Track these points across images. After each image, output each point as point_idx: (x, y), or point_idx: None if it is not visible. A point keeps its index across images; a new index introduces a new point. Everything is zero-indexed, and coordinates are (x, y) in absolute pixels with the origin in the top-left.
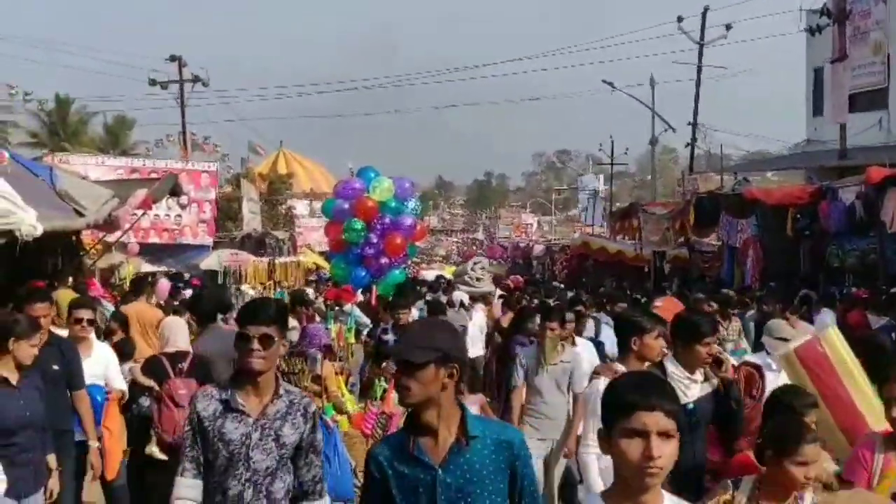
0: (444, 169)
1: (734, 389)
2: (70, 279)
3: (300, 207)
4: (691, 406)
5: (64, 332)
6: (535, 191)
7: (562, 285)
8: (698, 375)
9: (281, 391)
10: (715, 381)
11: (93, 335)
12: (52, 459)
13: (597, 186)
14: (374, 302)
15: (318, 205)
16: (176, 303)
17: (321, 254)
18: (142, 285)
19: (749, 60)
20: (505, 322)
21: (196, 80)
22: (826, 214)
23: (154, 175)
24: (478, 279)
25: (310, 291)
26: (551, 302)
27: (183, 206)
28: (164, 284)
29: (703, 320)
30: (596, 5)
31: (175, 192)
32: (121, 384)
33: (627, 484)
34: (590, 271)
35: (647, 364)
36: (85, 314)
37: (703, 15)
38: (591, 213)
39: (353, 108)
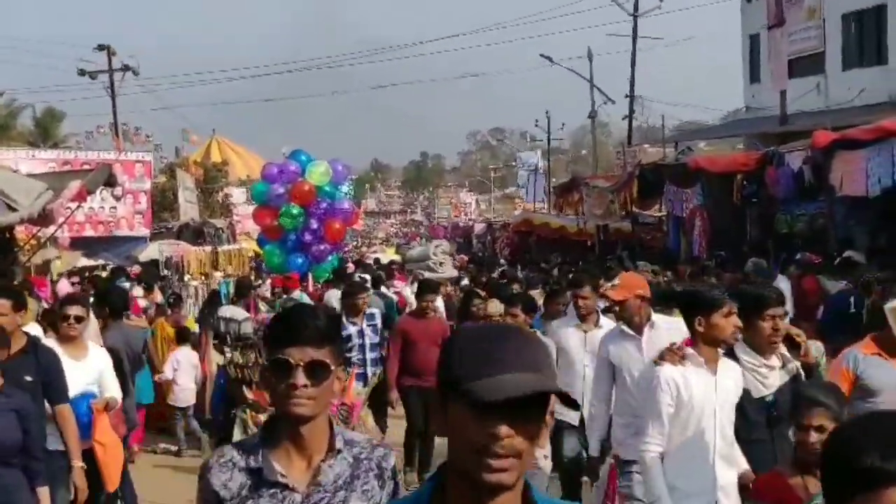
0: (379, 151)
1: (819, 375)
2: (17, 277)
3: (237, 195)
4: (770, 398)
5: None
6: (471, 170)
7: (504, 263)
8: (774, 360)
9: (338, 443)
10: (793, 365)
11: (86, 335)
12: (44, 495)
13: (536, 162)
14: (311, 289)
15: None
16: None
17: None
18: None
19: (685, 30)
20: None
21: (126, 69)
22: (773, 181)
23: (87, 167)
24: (440, 263)
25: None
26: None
27: (118, 198)
28: (64, 285)
29: (764, 288)
30: None
31: (110, 182)
32: (115, 391)
33: None
34: (533, 247)
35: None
36: (74, 310)
37: None
38: (531, 189)
39: (286, 92)
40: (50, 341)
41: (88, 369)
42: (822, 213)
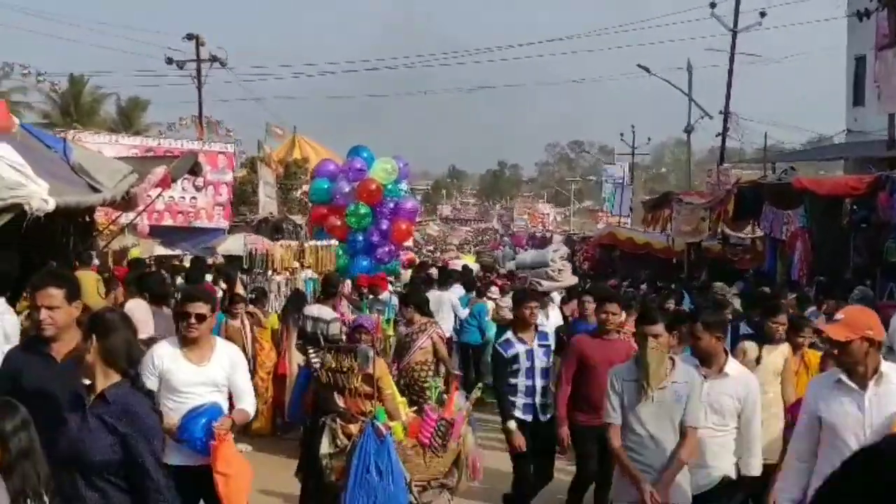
0: (456, 157)
1: None
2: (95, 261)
3: None
4: None
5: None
6: (548, 181)
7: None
8: None
9: None
10: None
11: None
12: None
13: (623, 176)
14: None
15: None
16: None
17: None
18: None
19: (786, 48)
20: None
21: (214, 59)
22: (885, 206)
23: (170, 155)
24: (559, 270)
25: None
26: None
27: (199, 189)
28: None
29: None
30: None
31: (194, 171)
32: (249, 404)
33: None
34: (616, 262)
35: None
36: (197, 308)
37: (737, 1)
38: (617, 202)
39: (369, 91)
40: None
41: (211, 375)
42: None
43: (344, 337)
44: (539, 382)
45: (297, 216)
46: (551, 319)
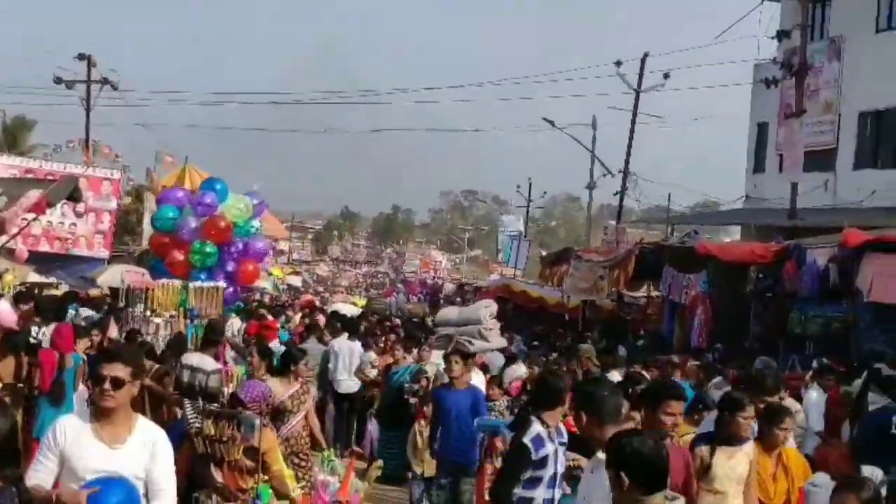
0: (350, 199)
1: None
2: None
3: None
4: None
5: None
6: (440, 228)
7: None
8: None
9: None
10: None
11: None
12: None
13: (519, 228)
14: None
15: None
16: None
17: None
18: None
19: (690, 111)
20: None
21: (105, 82)
22: (791, 276)
23: (51, 178)
24: (490, 329)
25: (236, 322)
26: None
27: (79, 215)
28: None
29: None
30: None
31: (74, 196)
32: (168, 499)
33: None
34: (509, 315)
35: None
36: (114, 370)
37: (643, 61)
38: (513, 254)
39: (268, 126)
40: None
41: (124, 462)
42: (841, 317)
43: (225, 392)
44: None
45: None
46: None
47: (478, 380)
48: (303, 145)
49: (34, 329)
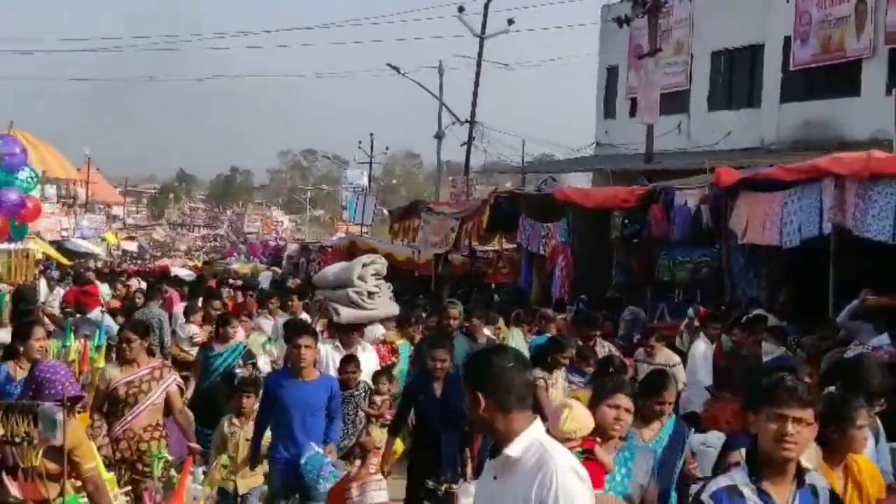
0: (185, 161)
1: None
2: None
3: None
4: None
5: None
6: (281, 188)
7: None
8: None
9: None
10: None
11: None
12: None
13: (363, 183)
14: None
15: (50, 189)
16: None
17: (52, 243)
18: None
19: (537, 56)
20: None
21: None
22: (659, 220)
23: None
24: (369, 294)
25: (42, 289)
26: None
27: None
28: None
29: None
30: None
31: None
32: None
33: None
34: None
35: None
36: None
37: (486, 7)
38: (358, 210)
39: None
40: None
41: None
42: (710, 261)
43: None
44: None
45: None
46: (367, 364)
47: (370, 361)
48: (135, 108)
49: None
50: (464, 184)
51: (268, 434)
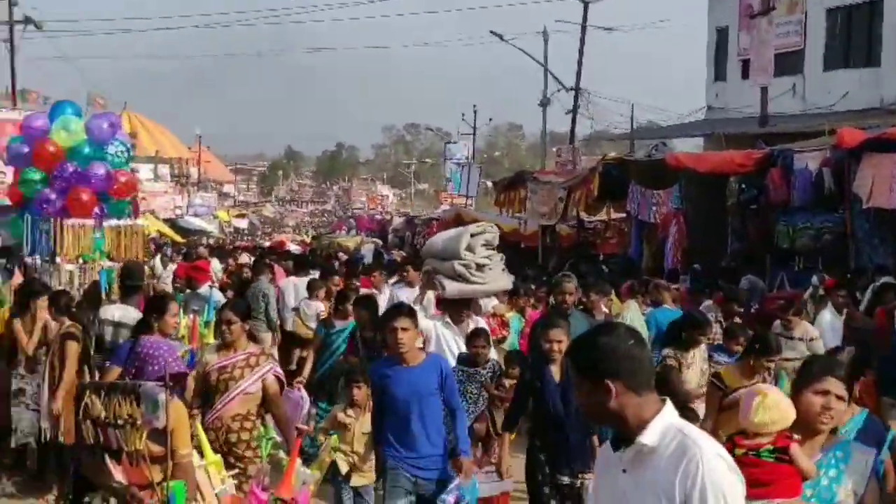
0: (293, 138)
1: None
2: None
3: (144, 171)
4: None
5: None
6: (385, 163)
7: None
8: None
9: None
10: None
11: None
12: None
13: (467, 155)
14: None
15: (163, 169)
16: None
17: (167, 221)
18: None
19: (642, 21)
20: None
21: (28, 21)
22: (778, 185)
23: None
24: (478, 266)
25: (157, 265)
26: None
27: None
28: None
29: None
30: None
31: None
32: None
33: None
34: None
35: None
36: None
37: None
38: (463, 182)
39: (207, 69)
40: None
41: None
42: (833, 227)
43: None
44: None
45: None
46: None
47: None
48: (242, 86)
49: None
50: (569, 153)
51: None
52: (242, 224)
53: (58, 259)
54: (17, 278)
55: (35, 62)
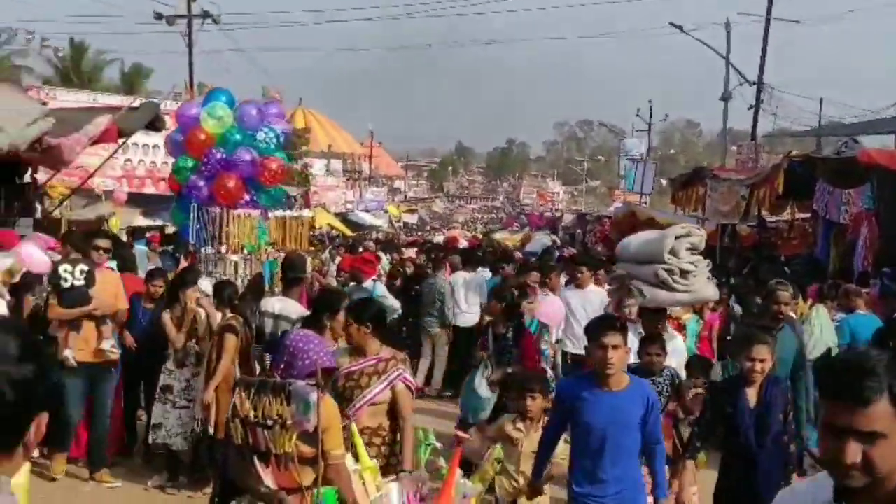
0: (463, 134)
1: None
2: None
3: (317, 166)
4: None
5: None
6: (557, 160)
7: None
8: None
9: None
10: None
11: None
12: None
13: (643, 151)
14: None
15: (336, 164)
16: None
17: (338, 215)
18: None
19: (830, 12)
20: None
21: (206, 15)
22: None
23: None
24: (683, 273)
25: (326, 258)
26: None
27: None
28: None
29: None
30: None
31: (155, 125)
32: None
33: None
34: None
35: None
36: None
37: None
38: (638, 179)
39: (377, 67)
40: None
41: None
42: None
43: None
44: None
45: (292, 187)
46: (674, 354)
47: (678, 348)
48: (413, 82)
49: None
50: (750, 149)
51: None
52: (412, 219)
53: (223, 249)
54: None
55: (211, 55)
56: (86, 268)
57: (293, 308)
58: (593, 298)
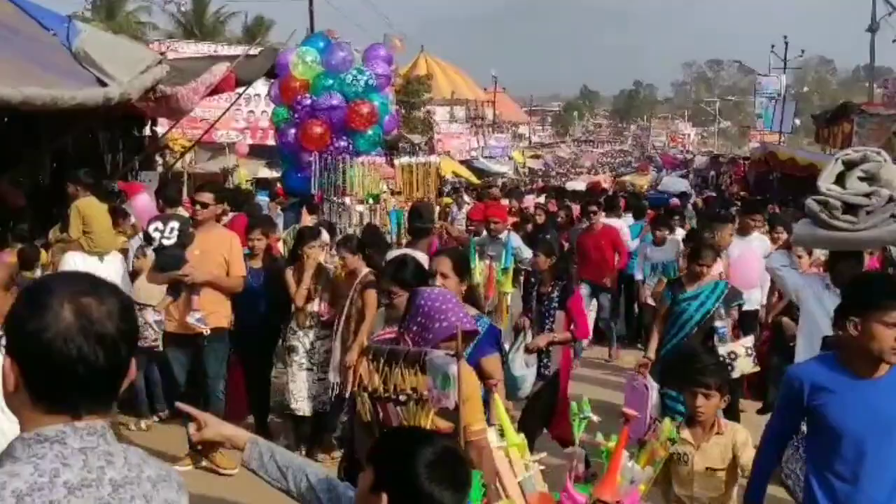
0: (588, 77)
1: None
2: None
3: (440, 113)
4: None
5: None
6: (685, 101)
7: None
8: None
9: None
10: None
11: None
12: None
13: (779, 89)
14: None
15: (459, 111)
16: None
17: (462, 163)
18: None
19: None
20: None
21: None
22: None
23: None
24: (850, 208)
25: (454, 208)
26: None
27: None
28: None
29: None
30: None
31: (276, 73)
32: None
33: None
34: (774, 186)
35: None
36: None
37: None
38: (776, 118)
39: (500, 11)
40: None
41: None
42: None
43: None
44: None
45: (416, 135)
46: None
47: None
48: (537, 27)
49: None
50: None
51: None
52: (537, 165)
53: (346, 200)
54: (306, 219)
55: (334, 2)
56: (177, 224)
57: (422, 261)
58: (756, 246)
